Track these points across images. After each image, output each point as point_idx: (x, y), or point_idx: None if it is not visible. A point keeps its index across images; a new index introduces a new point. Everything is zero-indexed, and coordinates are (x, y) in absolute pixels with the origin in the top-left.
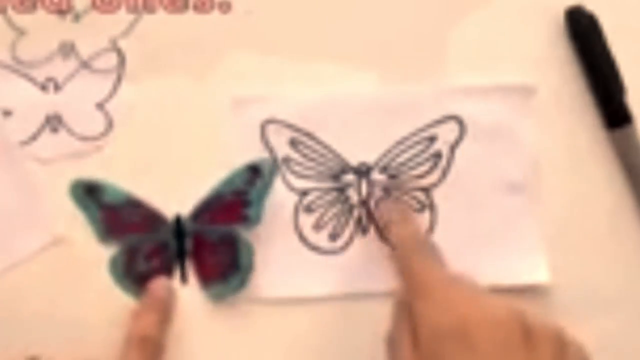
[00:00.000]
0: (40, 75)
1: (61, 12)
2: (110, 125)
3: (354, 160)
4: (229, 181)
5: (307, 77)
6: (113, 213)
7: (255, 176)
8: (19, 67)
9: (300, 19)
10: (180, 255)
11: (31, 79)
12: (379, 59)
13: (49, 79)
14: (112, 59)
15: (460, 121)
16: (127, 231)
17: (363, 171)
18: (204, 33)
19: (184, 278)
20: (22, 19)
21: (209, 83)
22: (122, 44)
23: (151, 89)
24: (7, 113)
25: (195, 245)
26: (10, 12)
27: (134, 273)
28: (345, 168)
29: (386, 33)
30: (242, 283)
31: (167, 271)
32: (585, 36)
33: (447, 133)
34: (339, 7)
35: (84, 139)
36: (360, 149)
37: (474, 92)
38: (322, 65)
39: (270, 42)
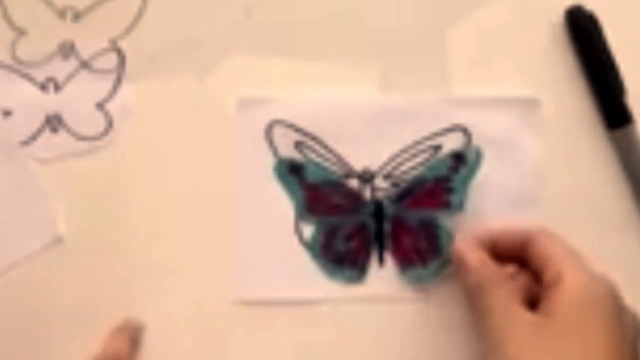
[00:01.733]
0: (40, 75)
1: (61, 12)
2: (110, 125)
3: (358, 165)
4: (432, 167)
5: (309, 78)
6: (315, 192)
7: (459, 163)
8: (19, 67)
9: (301, 19)
10: (379, 238)
11: (31, 79)
12: (381, 59)
13: (49, 79)
14: (112, 59)
15: (465, 131)
16: (328, 210)
17: (367, 177)
18: (204, 33)
19: (381, 260)
20: (22, 19)
21: (210, 83)
22: (122, 44)
23: (151, 89)
24: (7, 113)
25: (394, 229)
26: (10, 11)
27: (332, 253)
28: (349, 173)
29: (387, 32)
30: (441, 267)
31: (365, 253)
32: (585, 36)
33: (452, 142)
34: (341, 7)
35: (84, 139)
36: (364, 155)
37: (480, 103)
38: (324, 65)
39: (271, 42)
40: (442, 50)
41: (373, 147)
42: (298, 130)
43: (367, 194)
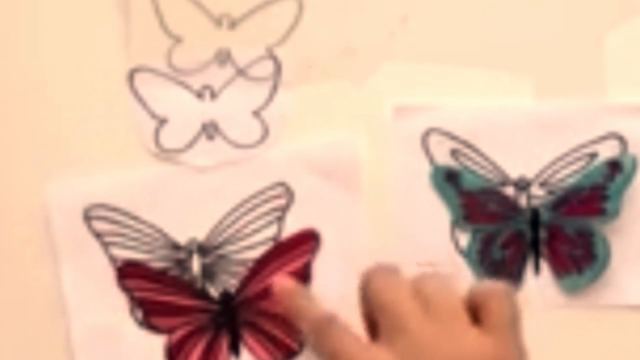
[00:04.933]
0: (196, 82)
1: (218, 20)
2: (266, 133)
3: (514, 173)
4: (588, 175)
5: (464, 85)
6: (471, 199)
7: (615, 171)
8: (175, 75)
9: (456, 27)
10: (535, 246)
11: (187, 87)
12: (535, 65)
13: (205, 87)
14: (268, 67)
15: (621, 138)
16: (484, 218)
17: (523, 185)
18: (360, 40)
19: (537, 268)
20: (178, 27)
21: (366, 91)
22: (279, 51)
23: (308, 96)
24: (163, 121)
25: (550, 236)
26: (166, 19)
27: (488, 261)
28: (505, 181)
29: (542, 39)
30: (597, 275)
31: (522, 260)
32: None
33: (608, 150)
34: (496, 15)
35: (240, 146)
36: (520, 163)
37: (637, 110)
38: (479, 73)
39: (427, 50)
40: (599, 57)
41: (528, 154)
42: (454, 138)
43: (523, 201)
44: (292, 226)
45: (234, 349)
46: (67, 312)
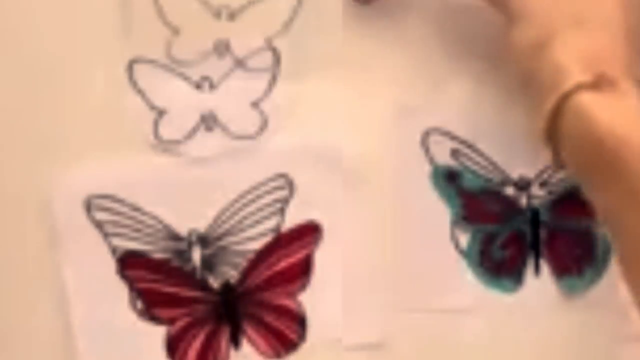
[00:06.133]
0: (195, 74)
1: (217, 11)
2: (265, 124)
3: (514, 173)
4: None
5: (464, 86)
6: (471, 199)
7: None
8: (174, 66)
9: (457, 26)
10: (535, 246)
11: (186, 78)
12: None
13: (204, 78)
14: (267, 58)
15: None
16: (484, 218)
17: (523, 185)
18: (359, 34)
19: (537, 269)
20: (177, 18)
21: (366, 84)
22: (278, 43)
23: (306, 89)
24: (162, 112)
25: (550, 237)
26: (165, 10)
27: (488, 261)
28: (506, 181)
29: None
30: (597, 276)
31: (521, 261)
32: None
33: None
34: (494, 14)
35: (239, 137)
36: (520, 162)
37: None
38: (478, 72)
39: (428, 48)
40: None
41: (529, 154)
42: (454, 138)
43: (523, 201)
44: (293, 218)
45: (235, 340)
46: (67, 301)
